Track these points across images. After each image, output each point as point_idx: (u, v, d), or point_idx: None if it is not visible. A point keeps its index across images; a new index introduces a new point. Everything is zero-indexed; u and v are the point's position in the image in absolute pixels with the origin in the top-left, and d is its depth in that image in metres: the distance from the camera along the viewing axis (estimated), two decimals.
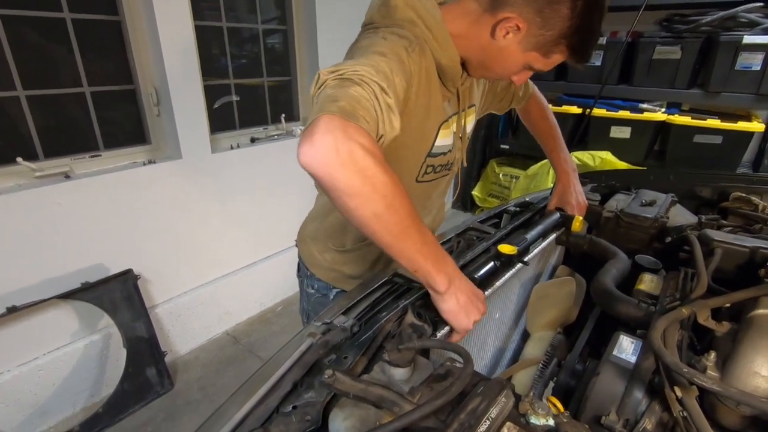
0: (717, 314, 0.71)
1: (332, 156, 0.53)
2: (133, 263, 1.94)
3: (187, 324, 2.26)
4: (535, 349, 1.03)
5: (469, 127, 1.00)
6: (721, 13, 2.44)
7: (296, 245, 1.17)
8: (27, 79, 1.63)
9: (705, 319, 0.66)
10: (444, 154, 0.93)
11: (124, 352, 1.88)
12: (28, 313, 1.68)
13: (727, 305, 0.69)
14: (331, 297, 1.11)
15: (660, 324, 0.61)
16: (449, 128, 0.91)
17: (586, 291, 1.08)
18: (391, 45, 0.72)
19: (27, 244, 1.65)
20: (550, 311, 1.05)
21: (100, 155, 1.87)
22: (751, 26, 2.41)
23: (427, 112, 0.83)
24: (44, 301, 1.67)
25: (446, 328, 0.74)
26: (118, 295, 1.87)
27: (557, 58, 0.78)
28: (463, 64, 0.87)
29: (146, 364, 1.96)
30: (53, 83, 1.72)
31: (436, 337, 0.73)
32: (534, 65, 0.80)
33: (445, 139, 0.91)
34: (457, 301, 0.69)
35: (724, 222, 1.15)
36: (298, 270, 1.19)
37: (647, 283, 0.92)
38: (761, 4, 2.39)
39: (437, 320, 0.73)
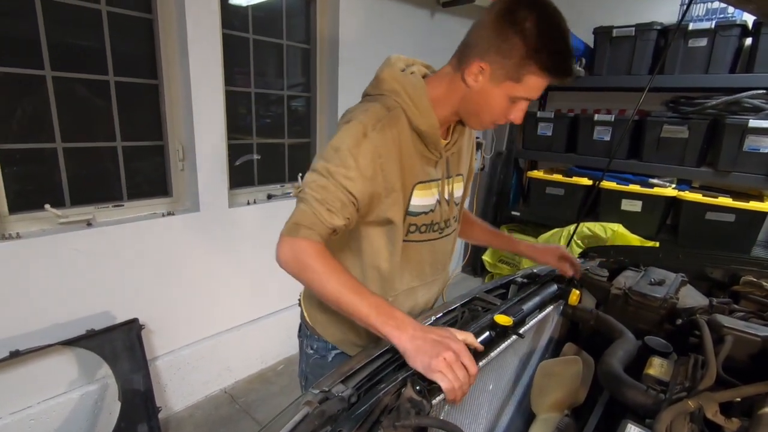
0: (728, 408, 0.68)
1: (289, 258, 0.83)
2: (139, 313, 1.94)
3: (186, 378, 2.21)
4: (540, 431, 0.98)
5: (457, 192, 1.06)
6: (725, 98, 2.54)
7: (299, 304, 1.18)
8: (66, 132, 1.76)
9: (714, 414, 0.63)
10: (425, 213, 0.97)
11: (118, 405, 1.83)
12: (28, 359, 1.67)
13: (738, 399, 0.66)
14: (330, 359, 1.10)
15: (665, 417, 0.59)
16: (429, 189, 0.96)
17: (594, 371, 1.05)
18: (353, 130, 0.84)
19: (39, 288, 1.69)
20: (556, 391, 1.01)
21: (122, 205, 1.95)
22: (756, 111, 2.49)
23: (400, 174, 0.90)
24: (48, 346, 1.66)
25: (441, 395, 0.72)
26: (121, 344, 1.85)
27: (533, 79, 0.82)
28: (460, 122, 0.97)
29: (139, 419, 1.89)
30: (90, 137, 1.84)
31: (431, 407, 0.71)
32: (515, 94, 0.84)
33: (423, 199, 0.96)
34: (412, 338, 0.73)
35: (737, 307, 1.12)
36: (299, 330, 1.19)
37: (657, 367, 0.89)
38: (764, 91, 2.48)
39: (433, 387, 0.71)
